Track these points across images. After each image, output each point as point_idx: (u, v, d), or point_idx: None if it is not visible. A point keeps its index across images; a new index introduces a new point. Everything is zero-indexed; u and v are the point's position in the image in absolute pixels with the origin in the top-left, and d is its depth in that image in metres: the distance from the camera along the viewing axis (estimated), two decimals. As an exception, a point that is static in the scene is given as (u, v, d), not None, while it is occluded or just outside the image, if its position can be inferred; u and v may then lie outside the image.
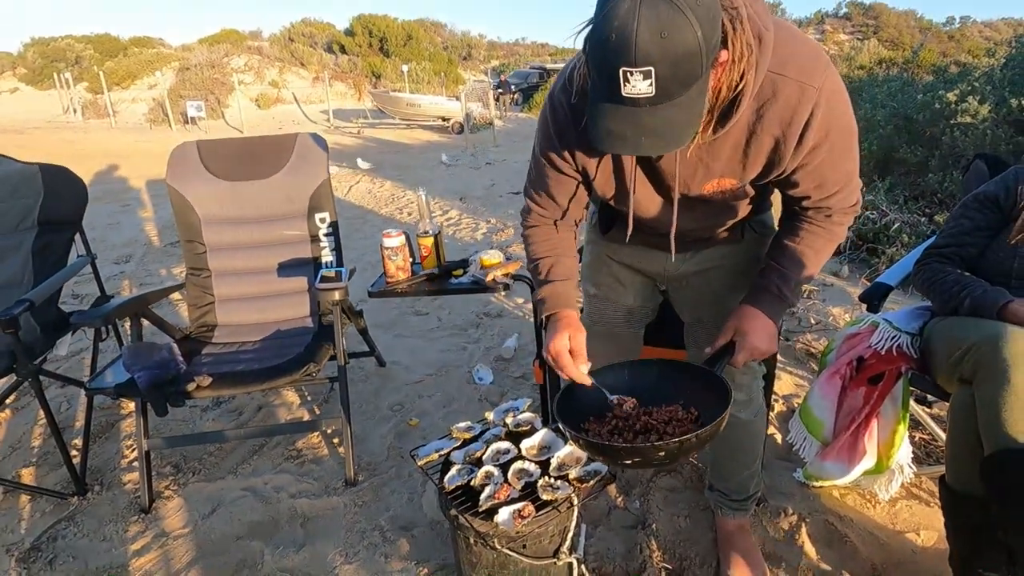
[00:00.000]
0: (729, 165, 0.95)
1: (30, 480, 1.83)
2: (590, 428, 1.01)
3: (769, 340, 1.02)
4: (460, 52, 27.67)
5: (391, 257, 1.67)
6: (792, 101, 0.86)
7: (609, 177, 1.03)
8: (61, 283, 1.85)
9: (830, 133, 0.90)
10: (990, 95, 3.77)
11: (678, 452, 0.88)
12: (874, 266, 3.29)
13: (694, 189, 1.00)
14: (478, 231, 4.61)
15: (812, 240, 1.04)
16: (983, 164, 1.64)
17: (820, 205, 1.00)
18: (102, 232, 4.78)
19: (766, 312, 1.03)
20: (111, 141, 10.31)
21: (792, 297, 1.05)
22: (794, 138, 0.89)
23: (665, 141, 0.78)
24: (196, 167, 2.02)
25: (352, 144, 10.39)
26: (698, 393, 1.00)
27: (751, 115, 0.89)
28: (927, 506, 1.55)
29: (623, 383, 1.05)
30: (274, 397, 2.23)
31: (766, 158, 0.93)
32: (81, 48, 20.33)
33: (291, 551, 1.51)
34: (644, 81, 0.70)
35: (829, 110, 0.88)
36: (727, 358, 1.02)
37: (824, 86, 0.86)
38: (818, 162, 0.93)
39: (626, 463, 0.94)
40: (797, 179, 0.96)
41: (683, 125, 0.77)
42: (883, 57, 10.44)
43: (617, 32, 0.69)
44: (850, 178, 0.98)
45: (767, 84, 0.85)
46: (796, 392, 2.12)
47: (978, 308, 1.26)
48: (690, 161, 0.95)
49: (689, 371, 1.05)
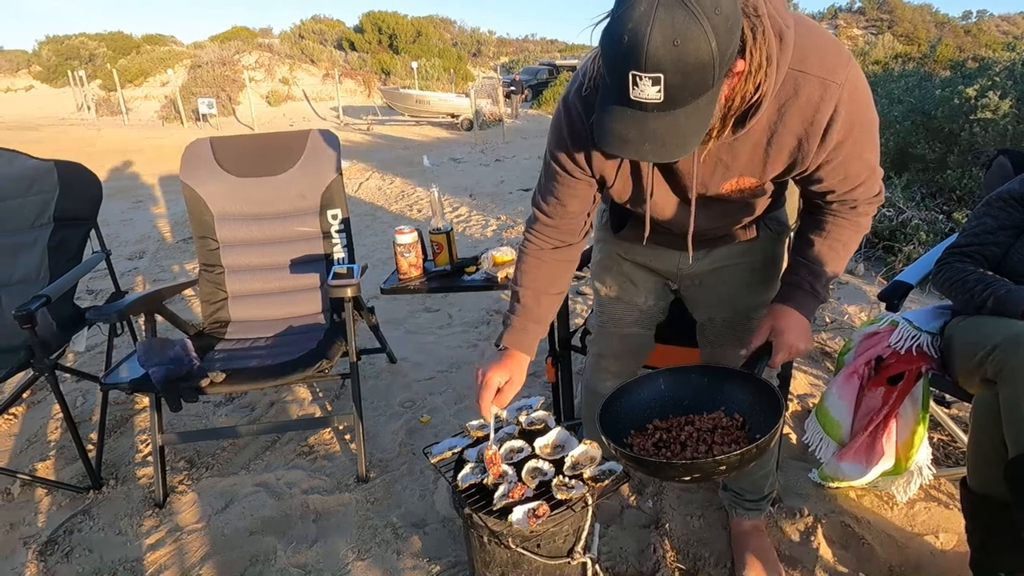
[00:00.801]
0: (750, 164, 0.93)
1: (47, 474, 1.85)
2: (633, 442, 0.97)
3: (806, 337, 1.01)
4: (470, 48, 27.62)
5: (404, 254, 1.67)
6: (814, 99, 0.84)
7: (627, 180, 1.01)
8: (77, 279, 1.86)
9: (854, 128, 0.88)
10: (1011, 90, 3.69)
11: (740, 463, 0.84)
12: (890, 264, 3.24)
13: (712, 188, 0.98)
14: (488, 228, 4.60)
15: (839, 233, 1.02)
16: (1007, 160, 1.60)
17: (845, 198, 0.98)
18: (115, 228, 4.83)
19: (800, 309, 1.02)
20: (124, 138, 10.42)
21: (824, 292, 1.04)
22: (817, 136, 0.87)
23: (669, 149, 0.76)
24: (210, 164, 2.02)
25: (362, 141, 10.41)
26: (740, 398, 0.97)
27: (773, 114, 0.87)
28: (946, 508, 1.53)
29: (659, 392, 1.03)
30: (286, 393, 2.24)
31: (788, 157, 0.91)
32: (95, 46, 20.53)
33: (303, 547, 1.51)
34: (653, 87, 0.69)
35: (852, 106, 0.86)
36: (766, 359, 0.99)
37: (847, 81, 0.84)
38: (842, 158, 0.91)
39: (684, 479, 0.89)
40: (821, 175, 0.94)
41: (689, 134, 0.75)
42: (898, 52, 10.29)
43: (630, 34, 0.67)
44: (873, 168, 0.96)
45: (788, 82, 0.83)
46: (811, 392, 2.10)
47: (1002, 307, 1.23)
48: (709, 161, 0.93)
49: (728, 375, 1.02)
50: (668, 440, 0.96)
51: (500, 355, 1.11)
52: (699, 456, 0.90)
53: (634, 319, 1.32)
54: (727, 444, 0.92)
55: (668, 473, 0.90)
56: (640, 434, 0.98)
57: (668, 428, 0.98)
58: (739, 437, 0.92)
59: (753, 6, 0.74)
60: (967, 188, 3.59)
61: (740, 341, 1.09)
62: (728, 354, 1.19)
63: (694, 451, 0.92)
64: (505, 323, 1.14)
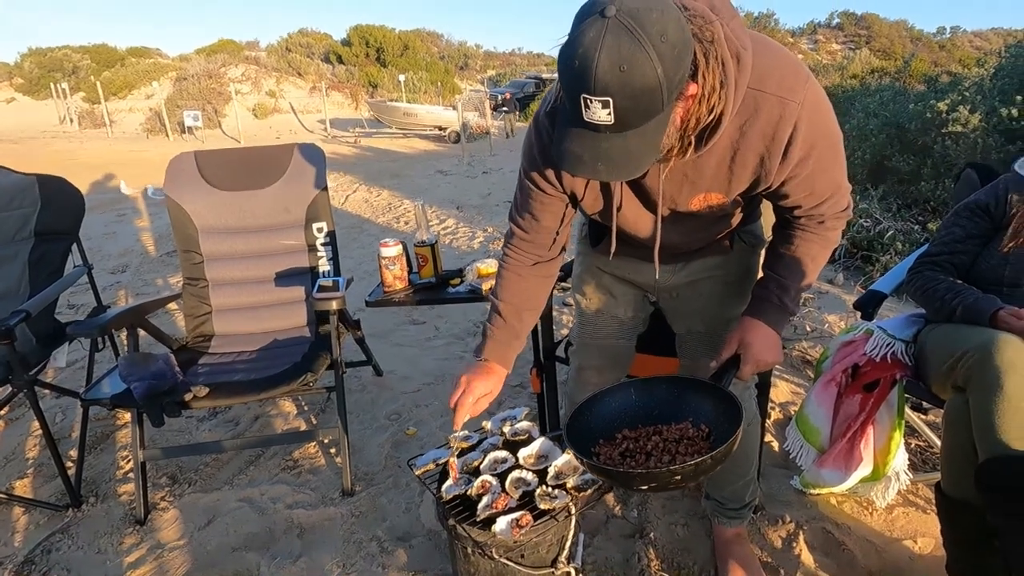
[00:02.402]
0: (715, 181, 0.96)
1: (24, 492, 1.82)
2: (601, 451, 0.98)
3: (774, 350, 1.03)
4: (457, 62, 27.82)
5: (388, 267, 1.68)
6: (774, 117, 0.87)
7: (597, 196, 1.04)
8: (58, 294, 1.85)
9: (815, 145, 0.91)
10: (980, 104, 3.81)
11: (694, 474, 0.85)
12: (868, 273, 3.31)
13: (681, 204, 1.01)
14: (475, 240, 4.62)
15: (807, 248, 1.04)
16: (974, 173, 1.66)
17: (812, 213, 1.01)
18: (98, 242, 4.78)
19: (768, 322, 1.04)
20: (107, 151, 10.32)
21: (792, 306, 1.06)
22: (778, 153, 0.90)
23: (620, 168, 0.79)
24: (194, 177, 2.02)
25: (349, 153, 10.42)
26: (707, 409, 0.99)
27: (734, 132, 0.89)
28: (924, 513, 1.55)
29: (630, 402, 1.04)
30: (271, 407, 2.22)
31: (752, 173, 0.94)
32: (78, 58, 20.40)
33: (288, 562, 1.50)
34: (603, 110, 0.71)
35: (812, 123, 0.88)
36: (733, 371, 1.01)
37: (806, 100, 0.87)
38: (806, 174, 0.94)
39: (641, 488, 0.91)
40: (786, 191, 0.97)
41: (640, 154, 0.78)
42: (875, 67, 10.54)
43: (580, 58, 0.69)
44: (839, 184, 0.99)
45: (748, 101, 0.86)
46: (792, 400, 2.13)
47: (970, 315, 1.27)
48: (675, 177, 0.96)
49: (697, 387, 1.04)
50: (634, 450, 0.97)
51: (482, 365, 1.13)
52: (653, 467, 0.91)
53: (614, 331, 1.34)
54: (690, 455, 0.93)
55: (626, 482, 0.92)
56: (609, 443, 1.00)
57: (636, 438, 0.99)
58: (703, 448, 0.93)
59: (707, 31, 0.76)
60: (941, 199, 3.69)
61: (717, 353, 1.11)
62: (705, 366, 1.21)
63: (658, 461, 0.93)
64: (486, 335, 1.15)
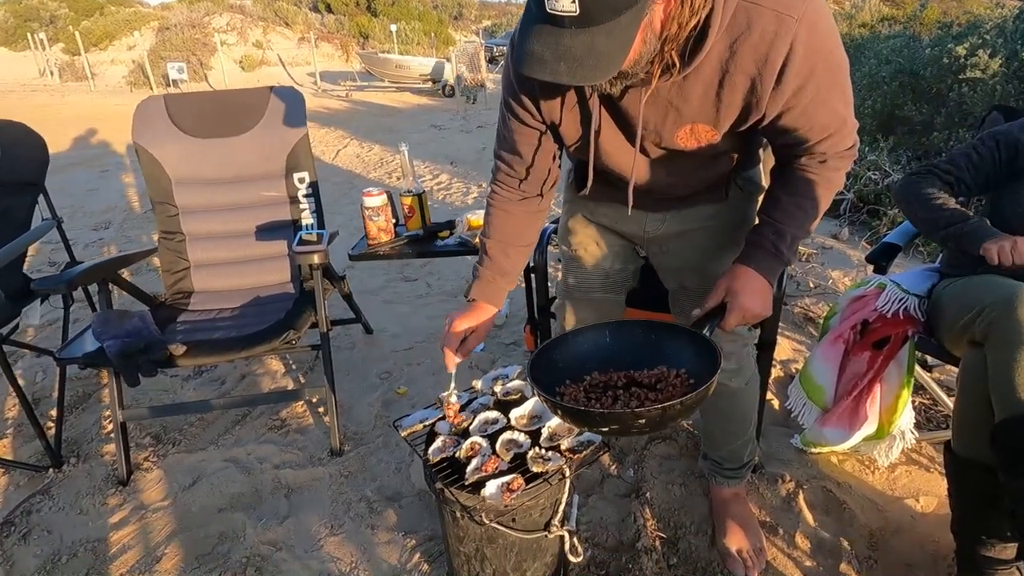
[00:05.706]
0: (702, 109, 0.85)
1: (3, 453, 1.77)
2: (566, 392, 0.90)
3: (762, 301, 0.92)
4: (451, 11, 26.72)
5: (372, 217, 1.58)
6: (768, 34, 0.76)
7: (576, 125, 0.94)
8: (24, 247, 1.75)
9: (815, 71, 0.80)
10: (1001, 48, 3.62)
11: (660, 420, 0.78)
12: (875, 228, 3.21)
13: (667, 138, 0.91)
14: (469, 195, 4.49)
15: (807, 189, 0.94)
16: (1000, 116, 1.55)
17: (813, 151, 0.91)
18: (80, 199, 4.62)
19: (760, 270, 0.93)
20: (89, 104, 9.97)
21: (788, 254, 0.95)
22: (772, 77, 0.79)
23: (585, 70, 0.70)
24: (164, 123, 1.89)
25: (340, 107, 10.08)
26: (687, 356, 0.91)
27: (723, 51, 0.79)
28: (927, 471, 1.52)
29: (604, 345, 0.96)
30: (257, 366, 2.16)
31: (742, 100, 0.83)
32: (55, 7, 19.51)
33: (274, 523, 1.46)
34: None
35: (811, 44, 0.78)
36: (717, 320, 0.92)
37: (805, 16, 0.76)
38: (804, 104, 0.83)
39: (603, 430, 0.84)
40: (783, 125, 0.86)
41: (608, 55, 0.69)
42: (885, 15, 10.14)
43: None
44: (843, 119, 0.88)
45: (740, 14, 0.76)
46: (794, 357, 2.07)
47: (961, 238, 1.22)
48: (659, 104, 0.86)
49: (676, 333, 0.95)
50: (602, 393, 0.90)
51: (468, 306, 1.09)
52: (617, 409, 0.84)
53: (600, 284, 1.26)
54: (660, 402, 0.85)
55: (586, 422, 0.85)
56: (575, 384, 0.92)
57: (606, 381, 0.92)
58: (681, 393, 0.85)
59: None
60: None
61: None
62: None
63: (625, 405, 0.86)
64: (474, 275, 1.11)
